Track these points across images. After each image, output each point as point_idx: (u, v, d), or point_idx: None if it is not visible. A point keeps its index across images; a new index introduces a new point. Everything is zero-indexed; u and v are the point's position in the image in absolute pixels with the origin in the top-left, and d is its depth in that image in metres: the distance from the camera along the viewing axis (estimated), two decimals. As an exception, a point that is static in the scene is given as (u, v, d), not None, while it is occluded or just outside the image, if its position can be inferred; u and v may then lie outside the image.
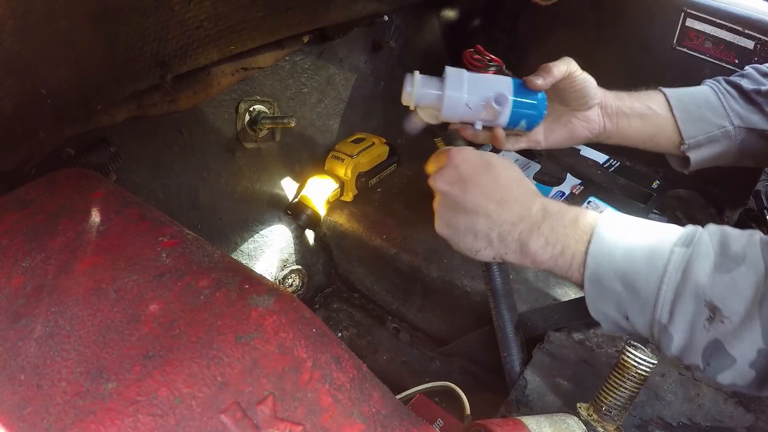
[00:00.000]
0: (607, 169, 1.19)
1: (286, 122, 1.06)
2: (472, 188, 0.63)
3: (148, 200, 0.94)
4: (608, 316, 0.54)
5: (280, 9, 0.79)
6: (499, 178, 0.63)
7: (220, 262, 0.54)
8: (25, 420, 0.40)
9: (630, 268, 0.51)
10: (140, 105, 0.82)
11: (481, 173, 0.63)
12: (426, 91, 0.78)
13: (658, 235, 0.52)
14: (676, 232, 0.52)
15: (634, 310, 0.52)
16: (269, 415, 0.42)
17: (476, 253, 0.64)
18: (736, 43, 1.09)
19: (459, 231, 0.64)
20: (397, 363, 1.06)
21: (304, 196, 1.13)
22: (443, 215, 0.66)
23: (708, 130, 0.84)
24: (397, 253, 1.04)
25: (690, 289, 0.48)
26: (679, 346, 0.50)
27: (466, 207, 0.63)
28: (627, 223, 0.55)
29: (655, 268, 0.50)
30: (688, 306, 0.48)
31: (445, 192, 0.65)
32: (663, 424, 0.72)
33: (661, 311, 0.49)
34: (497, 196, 0.61)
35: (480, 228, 0.62)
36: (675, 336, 0.49)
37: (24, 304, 0.48)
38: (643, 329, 0.52)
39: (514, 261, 0.61)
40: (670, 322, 0.49)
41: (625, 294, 0.52)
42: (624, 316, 0.53)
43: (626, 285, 0.51)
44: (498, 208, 0.61)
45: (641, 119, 0.85)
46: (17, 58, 0.48)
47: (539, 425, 0.56)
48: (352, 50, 1.26)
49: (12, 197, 0.61)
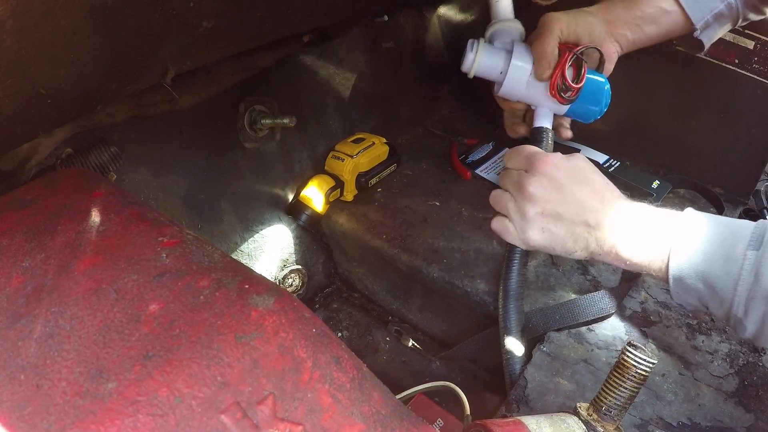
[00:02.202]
0: (607, 169, 1.19)
1: (286, 122, 1.06)
2: (570, 193, 0.66)
3: (148, 200, 0.94)
4: (690, 304, 0.62)
5: (280, 9, 0.79)
6: (594, 184, 0.66)
7: (220, 262, 0.54)
8: (25, 420, 0.40)
9: (708, 271, 0.58)
10: (140, 105, 0.82)
11: (577, 180, 0.66)
12: (491, 58, 0.77)
13: (731, 236, 0.58)
14: (747, 230, 0.57)
15: (714, 304, 0.59)
16: (269, 415, 0.42)
17: (572, 254, 0.68)
18: (736, 43, 1.09)
19: (558, 237, 0.67)
20: (397, 363, 1.06)
21: (304, 196, 1.13)
22: (538, 222, 0.67)
23: (713, 6, 0.85)
24: (397, 253, 1.04)
25: (761, 292, 0.55)
26: (752, 334, 0.58)
27: (567, 210, 0.65)
28: (703, 224, 0.60)
29: (731, 271, 0.57)
30: (760, 305, 0.55)
31: (540, 198, 0.66)
32: (663, 424, 0.72)
33: (737, 308, 0.57)
34: (595, 201, 0.65)
35: (579, 233, 0.65)
36: (749, 327, 0.57)
37: (24, 304, 0.48)
38: (720, 317, 0.60)
39: (607, 261, 0.67)
40: (745, 317, 0.57)
41: (706, 291, 0.59)
42: (704, 306, 0.61)
43: (706, 284, 0.58)
44: (597, 215, 0.65)
45: (655, 24, 0.85)
46: (17, 58, 0.48)
47: (539, 425, 0.57)
48: (352, 50, 1.26)
49: (12, 197, 0.61)
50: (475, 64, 0.77)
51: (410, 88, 1.42)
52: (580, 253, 0.67)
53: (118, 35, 0.57)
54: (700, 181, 1.21)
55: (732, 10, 0.86)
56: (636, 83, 1.24)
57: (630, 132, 1.28)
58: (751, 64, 1.09)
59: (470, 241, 1.03)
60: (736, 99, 1.13)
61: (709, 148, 1.20)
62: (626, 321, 0.88)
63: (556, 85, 0.76)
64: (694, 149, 1.22)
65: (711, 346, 0.84)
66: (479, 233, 1.05)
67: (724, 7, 0.85)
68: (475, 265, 0.98)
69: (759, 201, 1.20)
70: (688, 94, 1.18)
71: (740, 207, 1.18)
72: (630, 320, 0.88)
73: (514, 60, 0.76)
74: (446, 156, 1.27)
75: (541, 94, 0.78)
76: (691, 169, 1.23)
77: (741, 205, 1.18)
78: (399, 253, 1.04)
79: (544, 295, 0.92)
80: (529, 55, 0.77)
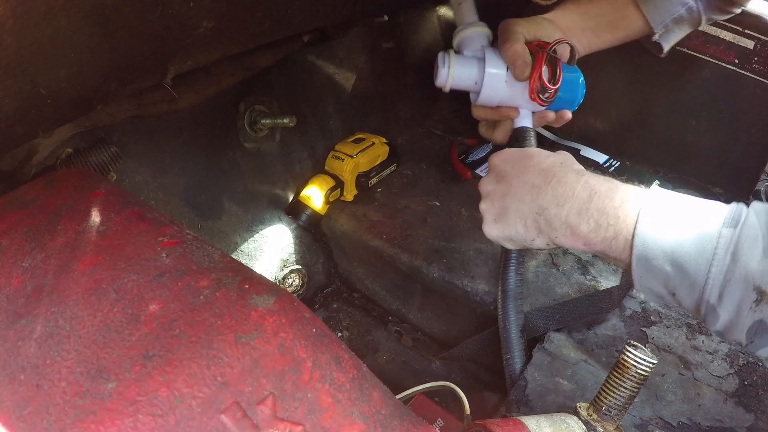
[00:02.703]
0: (607, 169, 1.19)
1: (286, 122, 1.06)
2: (515, 179, 0.63)
3: (148, 200, 0.94)
4: (654, 291, 0.55)
5: (280, 9, 0.79)
6: (542, 164, 0.63)
7: (220, 262, 0.54)
8: (25, 420, 0.40)
9: (679, 249, 0.51)
10: (140, 104, 0.82)
11: (523, 163, 0.64)
12: (464, 69, 0.75)
13: (704, 214, 0.52)
14: (722, 210, 0.52)
15: (683, 289, 0.52)
16: (269, 415, 0.42)
17: (531, 243, 0.64)
18: (736, 43, 1.09)
19: (509, 224, 0.64)
20: (397, 363, 1.06)
21: (304, 195, 1.13)
22: (490, 213, 0.66)
23: (673, 11, 0.84)
24: (397, 253, 1.04)
25: (739, 274, 0.49)
26: (724, 324, 0.51)
27: (511, 198, 0.63)
28: (673, 201, 0.55)
29: (704, 250, 0.50)
30: (737, 290, 0.49)
31: (489, 192, 0.66)
32: (663, 424, 0.72)
33: (710, 292, 0.50)
34: (539, 180, 0.61)
35: (527, 215, 0.62)
36: (722, 316, 0.51)
37: (24, 304, 0.48)
38: (688, 306, 0.53)
39: (567, 245, 0.61)
40: (718, 303, 0.50)
41: (674, 274, 0.52)
42: (671, 293, 0.54)
43: (674, 265, 0.52)
44: (542, 192, 0.60)
45: (612, 31, 0.84)
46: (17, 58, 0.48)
47: (539, 425, 0.57)
48: (352, 50, 1.26)
49: (12, 197, 0.61)
50: (449, 78, 0.75)
51: (410, 88, 1.42)
52: (538, 240, 0.62)
53: (118, 35, 0.57)
54: (700, 181, 1.21)
55: (693, 14, 0.85)
56: (636, 83, 1.24)
57: (630, 132, 1.28)
58: (751, 64, 1.09)
59: (470, 241, 1.03)
60: (736, 99, 1.13)
61: (709, 148, 1.20)
62: (626, 321, 0.88)
63: (535, 89, 0.74)
64: (694, 149, 1.22)
65: (711, 346, 0.84)
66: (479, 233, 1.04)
67: (684, 12, 0.84)
68: (475, 265, 0.98)
69: (759, 201, 1.20)
70: (688, 94, 1.18)
71: (740, 207, 1.17)
72: (630, 320, 0.88)
73: (489, 67, 0.74)
74: (446, 156, 1.27)
75: (519, 96, 0.76)
76: (691, 169, 1.23)
77: (741, 205, 1.18)
78: (399, 253, 1.04)
79: (544, 294, 0.92)
80: (501, 59, 0.75)
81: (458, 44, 0.79)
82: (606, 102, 1.28)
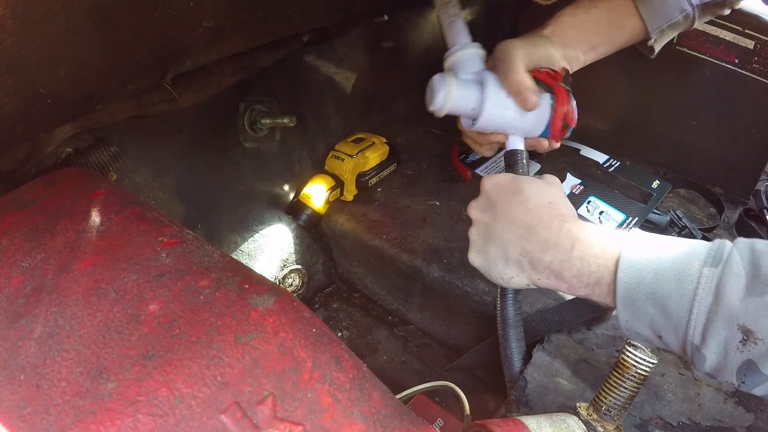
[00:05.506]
0: (607, 169, 1.19)
1: (286, 122, 1.06)
2: (501, 214, 0.63)
3: (148, 200, 0.94)
4: (641, 335, 0.55)
5: (280, 9, 0.79)
6: (528, 203, 0.62)
7: (220, 262, 0.54)
8: (25, 420, 0.40)
9: (660, 291, 0.51)
10: (140, 104, 0.82)
11: (510, 198, 0.63)
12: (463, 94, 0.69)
13: (685, 255, 0.51)
14: (703, 249, 0.51)
15: (667, 331, 0.52)
16: (269, 415, 0.42)
17: (509, 281, 0.63)
18: (736, 43, 1.09)
19: (490, 258, 0.64)
20: (397, 363, 1.06)
21: (304, 195, 1.13)
22: (476, 243, 0.66)
23: (671, 16, 0.84)
24: (397, 253, 1.04)
25: (723, 314, 0.48)
26: (713, 366, 0.50)
27: (496, 233, 0.63)
28: (653, 244, 0.54)
29: (685, 291, 0.50)
30: (721, 330, 0.48)
31: (477, 220, 0.66)
32: (663, 424, 0.72)
33: (693, 333, 0.49)
34: (526, 221, 0.61)
35: (510, 254, 0.62)
36: (708, 357, 0.50)
37: (24, 304, 0.48)
38: (675, 348, 0.52)
39: (549, 287, 0.61)
40: (702, 344, 0.49)
41: (658, 316, 0.52)
42: (657, 336, 0.53)
43: (657, 307, 0.51)
44: (526, 234, 0.61)
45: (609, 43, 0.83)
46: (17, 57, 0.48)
47: (539, 425, 0.57)
48: (352, 50, 1.26)
49: (12, 197, 0.61)
50: (447, 104, 0.70)
51: (410, 87, 1.42)
52: (518, 279, 0.62)
53: (118, 35, 0.57)
54: (700, 181, 1.21)
55: (688, 19, 0.85)
56: (636, 83, 1.24)
57: (630, 132, 1.28)
58: (751, 64, 1.09)
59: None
60: (736, 99, 1.13)
61: (709, 148, 1.20)
62: (626, 321, 0.88)
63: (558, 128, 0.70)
64: (694, 149, 1.22)
65: (711, 346, 0.84)
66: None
67: (681, 18, 0.84)
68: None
69: (759, 201, 1.20)
70: (688, 94, 1.18)
71: (740, 207, 1.18)
72: (630, 320, 0.88)
73: (492, 94, 0.69)
74: (446, 156, 1.26)
75: (517, 122, 0.72)
76: (691, 169, 1.23)
77: (741, 205, 1.18)
78: (399, 252, 1.04)
79: (544, 295, 0.92)
80: (500, 85, 0.70)
81: (452, 66, 0.75)
82: (606, 102, 1.28)
